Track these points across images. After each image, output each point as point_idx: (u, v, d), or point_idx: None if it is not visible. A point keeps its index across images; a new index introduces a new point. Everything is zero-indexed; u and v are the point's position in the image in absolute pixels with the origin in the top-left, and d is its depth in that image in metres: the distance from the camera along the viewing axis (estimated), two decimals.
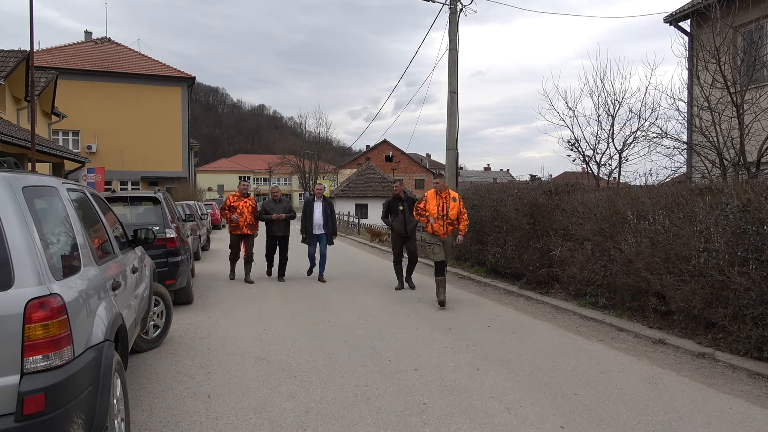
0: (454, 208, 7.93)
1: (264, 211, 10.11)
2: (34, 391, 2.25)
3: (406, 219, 9.24)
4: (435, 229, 7.88)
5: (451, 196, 8.02)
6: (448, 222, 7.90)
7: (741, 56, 8.81)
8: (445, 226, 7.89)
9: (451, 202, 7.96)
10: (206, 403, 4.08)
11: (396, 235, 9.50)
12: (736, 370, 4.92)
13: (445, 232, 7.91)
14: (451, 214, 7.90)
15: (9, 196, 2.48)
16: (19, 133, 13.30)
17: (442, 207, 7.91)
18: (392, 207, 9.50)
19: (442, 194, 7.99)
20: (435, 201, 7.95)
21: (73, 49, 32.11)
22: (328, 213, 10.13)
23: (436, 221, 7.84)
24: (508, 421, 3.78)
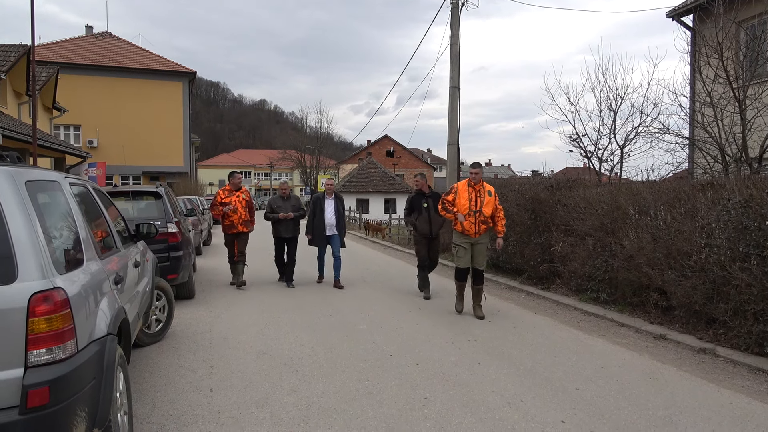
0: (489, 204, 6.76)
1: (270, 209, 9.11)
2: (38, 384, 2.26)
3: (431, 218, 8.02)
4: (465, 228, 6.74)
5: (486, 190, 6.82)
6: (481, 220, 6.73)
7: (743, 51, 8.79)
8: (477, 224, 6.72)
9: (485, 196, 6.77)
10: (208, 397, 4.10)
11: (420, 236, 8.25)
12: (736, 366, 4.93)
13: (476, 231, 6.74)
14: (485, 210, 6.73)
15: (12, 190, 2.48)
16: (20, 127, 13.31)
17: (476, 201, 6.73)
18: (415, 204, 8.22)
19: (477, 187, 6.80)
20: (467, 194, 6.78)
21: (74, 44, 32.06)
22: (341, 211, 9.09)
23: (466, 218, 6.71)
24: (510, 416, 3.79)
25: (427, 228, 8.10)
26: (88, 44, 32.55)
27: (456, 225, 6.84)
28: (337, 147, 69.97)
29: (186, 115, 32.31)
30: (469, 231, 6.74)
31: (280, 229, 9.02)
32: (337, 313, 7.03)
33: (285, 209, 9.00)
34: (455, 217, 6.79)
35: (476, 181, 6.80)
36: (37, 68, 13.83)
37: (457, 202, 6.81)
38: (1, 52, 15.38)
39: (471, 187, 6.82)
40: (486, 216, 6.74)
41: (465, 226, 6.72)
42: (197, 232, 12.83)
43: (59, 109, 21.15)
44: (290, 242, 9.10)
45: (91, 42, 33.17)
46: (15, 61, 15.10)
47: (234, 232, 8.92)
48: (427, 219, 8.05)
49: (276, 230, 9.08)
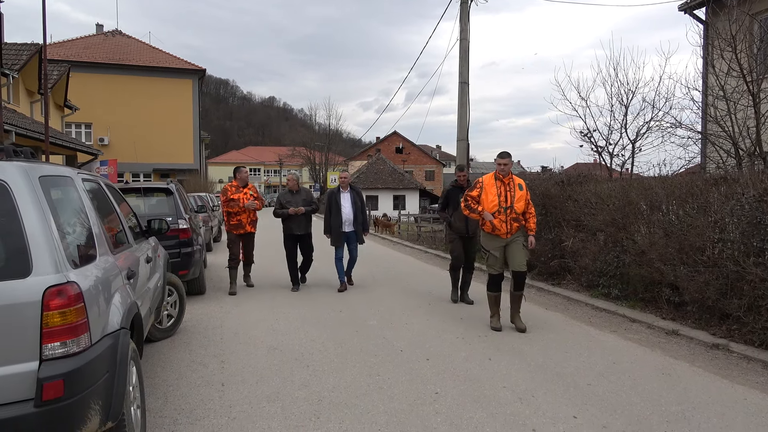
0: (520, 199, 5.91)
1: (279, 204, 8.31)
2: (53, 377, 2.28)
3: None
4: (496, 227, 5.88)
5: (516, 183, 6.00)
6: (513, 217, 5.87)
7: (757, 44, 8.68)
8: (509, 222, 5.86)
9: (516, 190, 5.93)
10: (220, 392, 4.12)
11: (454, 233, 7.49)
12: (750, 362, 4.88)
13: (508, 230, 5.88)
14: (516, 206, 5.87)
15: (26, 186, 2.50)
16: (32, 125, 13.43)
17: (506, 197, 5.89)
18: (451, 198, 7.48)
19: (505, 180, 5.98)
20: (494, 189, 5.94)
21: (84, 42, 32.30)
22: (358, 205, 8.33)
23: (495, 216, 5.87)
24: (521, 411, 3.78)
25: (464, 225, 7.27)
26: (98, 42, 32.78)
27: (484, 225, 5.99)
28: (346, 144, 70.11)
29: (196, 112, 32.47)
30: (500, 230, 5.88)
31: (291, 226, 8.20)
32: (346, 308, 7.04)
33: (295, 204, 8.20)
34: (482, 217, 5.94)
35: (504, 173, 5.96)
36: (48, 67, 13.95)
37: (484, 198, 5.98)
38: (14, 51, 15.53)
39: (499, 181, 5.98)
40: (518, 213, 5.90)
41: (495, 225, 5.86)
42: (207, 228, 12.90)
43: (70, 107, 21.34)
44: (303, 240, 8.35)
45: (102, 40, 33.40)
46: (27, 60, 15.25)
47: (240, 232, 8.23)
48: (464, 216, 7.04)
49: (287, 227, 8.27)
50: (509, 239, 5.93)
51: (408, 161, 57.75)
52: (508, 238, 5.92)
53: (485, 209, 5.94)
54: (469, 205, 6.11)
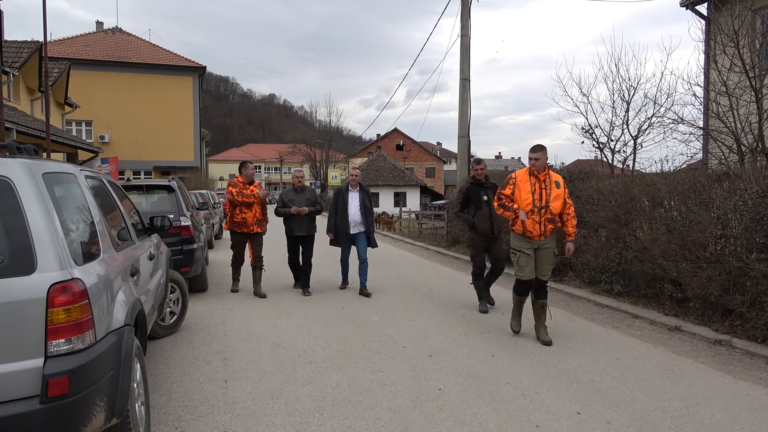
0: (557, 198, 5.30)
1: (281, 203, 7.72)
2: (58, 373, 2.28)
3: (492, 214, 6.52)
4: (528, 228, 5.29)
5: (553, 180, 5.37)
6: (548, 218, 5.27)
7: (760, 39, 8.66)
8: (542, 223, 5.25)
9: (552, 188, 5.32)
10: (223, 388, 4.13)
11: (477, 236, 6.77)
12: (753, 357, 4.88)
13: (542, 232, 5.27)
14: (552, 206, 5.27)
15: (30, 182, 2.50)
16: (33, 123, 13.43)
17: (541, 195, 5.28)
18: (472, 196, 6.75)
19: (540, 176, 5.35)
20: (528, 186, 5.32)
21: (84, 40, 32.27)
22: (367, 205, 7.77)
23: (528, 216, 5.27)
24: (524, 407, 3.78)
25: (488, 226, 6.59)
26: (98, 40, 32.74)
27: (516, 225, 5.43)
28: (347, 141, 69.99)
29: (196, 109, 32.45)
30: (533, 232, 5.27)
31: (293, 227, 7.68)
32: (348, 305, 7.04)
33: (298, 203, 7.65)
34: (516, 215, 5.36)
35: (539, 168, 5.31)
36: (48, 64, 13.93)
37: (517, 196, 5.36)
38: (14, 49, 15.52)
39: (533, 177, 5.35)
40: (554, 213, 5.29)
41: (527, 226, 5.27)
42: (209, 225, 12.90)
43: (71, 104, 21.33)
44: (305, 242, 7.79)
45: (102, 38, 33.35)
46: (27, 58, 15.23)
47: (245, 231, 7.56)
48: (488, 215, 6.56)
49: (289, 227, 7.75)
50: (541, 243, 5.33)
51: (409, 158, 57.70)
52: (540, 242, 5.32)
53: (520, 207, 5.35)
54: (503, 203, 5.47)
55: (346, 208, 7.66)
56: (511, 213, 5.40)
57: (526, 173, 5.43)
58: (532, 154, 5.40)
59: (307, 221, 7.70)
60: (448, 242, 13.86)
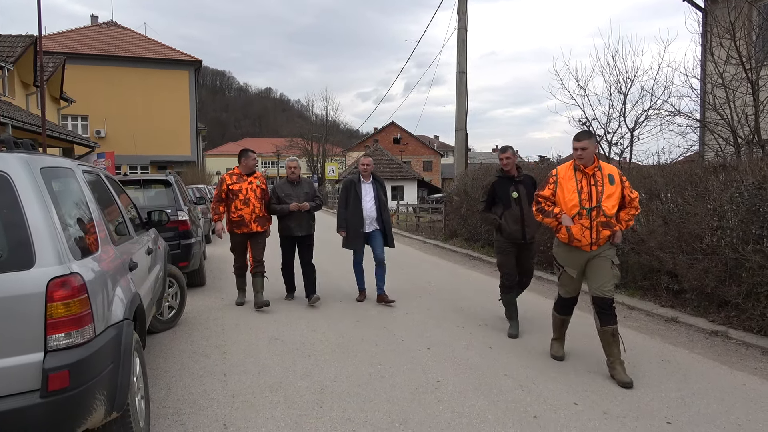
0: (612, 196, 4.18)
1: (276, 198, 6.63)
2: (58, 368, 2.29)
3: (524, 214, 5.28)
4: (575, 236, 4.23)
5: (605, 174, 4.26)
6: (602, 222, 4.16)
7: (756, 31, 8.66)
8: (594, 229, 4.17)
9: (605, 183, 4.21)
10: (222, 382, 4.14)
11: (506, 240, 5.43)
12: (749, 348, 4.92)
13: (593, 240, 4.20)
14: (606, 206, 4.15)
15: (28, 177, 2.50)
16: (29, 118, 13.36)
17: (590, 194, 4.20)
18: (499, 192, 5.46)
19: (588, 170, 4.26)
20: (573, 183, 4.28)
21: (79, 34, 32.09)
22: (383, 199, 6.73)
23: (575, 222, 4.22)
24: (522, 398, 3.81)
25: (519, 229, 5.34)
26: (93, 34, 32.57)
27: (560, 232, 4.35)
28: (344, 134, 69.98)
29: (192, 103, 32.35)
30: (581, 241, 4.21)
31: (290, 226, 6.59)
32: (346, 299, 7.05)
33: (296, 197, 6.59)
34: (559, 221, 4.32)
35: (585, 161, 4.24)
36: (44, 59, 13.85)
37: (560, 197, 4.34)
38: (8, 43, 15.41)
39: (579, 172, 4.30)
40: (608, 216, 4.16)
41: (574, 233, 4.21)
42: (206, 220, 12.89)
43: (67, 99, 21.23)
44: (304, 242, 6.77)
45: (97, 32, 33.18)
46: (22, 52, 15.13)
47: (244, 231, 6.49)
48: (518, 216, 5.32)
49: (285, 227, 6.65)
50: (594, 252, 4.26)
51: (406, 151, 57.67)
52: (593, 252, 4.25)
53: (562, 211, 4.32)
54: (542, 209, 4.45)
55: (359, 202, 6.59)
56: (553, 219, 4.35)
57: (570, 168, 4.37)
58: (577, 143, 4.25)
59: (307, 218, 6.70)
60: (446, 235, 13.88)
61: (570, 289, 4.50)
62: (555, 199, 4.41)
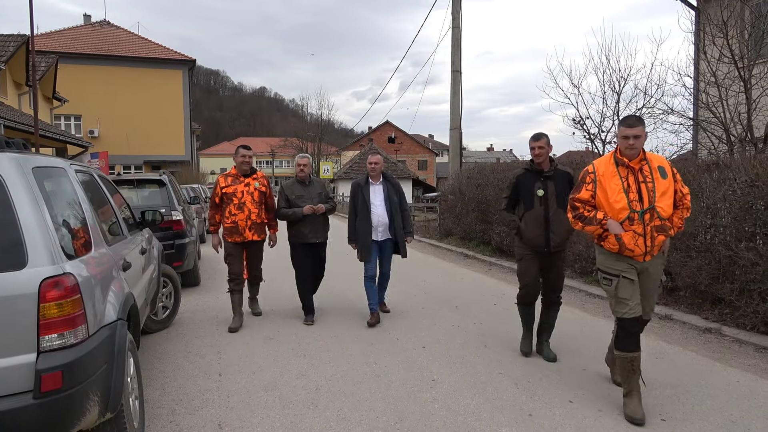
0: (667, 193, 3.48)
1: (285, 201, 5.81)
2: (51, 368, 2.28)
3: (549, 216, 4.41)
4: (626, 245, 3.48)
5: (654, 166, 3.52)
6: (656, 225, 3.46)
7: (749, 30, 8.70)
8: (648, 235, 3.46)
9: (656, 178, 3.48)
10: (217, 382, 4.13)
11: (527, 247, 4.57)
12: (743, 345, 4.95)
13: (648, 249, 3.49)
14: (661, 206, 3.44)
15: (20, 177, 2.48)
16: (21, 118, 13.29)
17: (639, 193, 3.46)
18: (524, 188, 4.56)
19: (634, 163, 3.50)
20: (618, 181, 3.51)
21: (72, 33, 31.90)
22: (395, 201, 5.77)
23: (626, 229, 3.46)
24: (517, 396, 3.82)
25: (541, 234, 4.44)
26: (86, 33, 32.38)
27: (607, 241, 3.58)
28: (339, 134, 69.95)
29: (186, 103, 32.24)
30: (635, 250, 3.48)
31: (304, 232, 5.72)
32: (341, 298, 7.05)
33: (309, 199, 5.75)
34: (604, 228, 3.55)
35: (633, 153, 3.48)
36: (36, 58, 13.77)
37: (602, 199, 3.57)
38: (0, 42, 15.31)
39: (623, 167, 3.53)
40: (665, 217, 3.46)
41: (626, 242, 3.47)
42: (200, 219, 12.85)
43: (59, 99, 21.11)
44: (318, 252, 5.96)
45: (90, 31, 33.00)
46: (14, 51, 15.04)
47: (237, 241, 5.68)
48: (542, 218, 4.42)
49: (297, 233, 5.76)
50: (645, 264, 3.56)
51: (401, 150, 57.66)
52: (645, 263, 3.56)
53: (608, 214, 3.54)
54: (581, 215, 3.65)
55: (368, 207, 5.68)
56: (596, 227, 3.57)
57: (611, 162, 3.59)
58: (629, 130, 3.45)
59: (322, 222, 5.87)
60: (441, 234, 13.89)
61: (633, 304, 3.51)
62: (595, 202, 3.62)
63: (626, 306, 3.52)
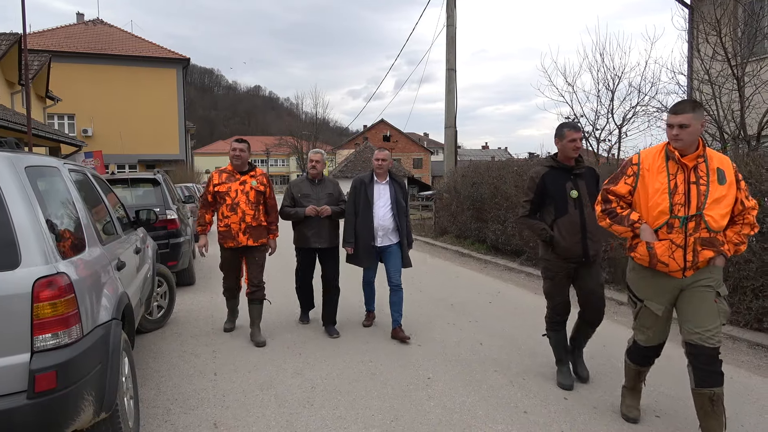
0: (722, 200, 2.92)
1: (291, 200, 5.35)
2: (45, 368, 2.27)
3: (585, 221, 3.80)
4: (658, 258, 3.00)
5: (713, 167, 2.95)
6: (701, 238, 2.93)
7: (742, 28, 8.74)
8: (690, 248, 2.94)
9: (712, 180, 2.92)
10: (213, 381, 4.12)
11: (559, 260, 3.90)
12: (736, 341, 4.98)
13: (687, 264, 2.97)
14: (710, 215, 2.90)
15: (12, 176, 2.46)
16: (14, 117, 13.20)
17: (687, 195, 2.94)
18: (553, 188, 3.88)
19: (688, 159, 2.94)
20: (665, 177, 2.99)
21: (65, 32, 31.71)
22: (402, 205, 5.23)
23: (659, 236, 2.99)
24: (513, 394, 3.83)
25: (577, 243, 3.80)
26: (79, 32, 32.19)
27: (637, 249, 3.11)
28: (333, 132, 69.88)
29: (180, 102, 32.10)
30: (668, 265, 2.98)
31: (307, 235, 5.26)
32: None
33: (316, 199, 5.28)
34: (635, 233, 3.07)
35: (686, 144, 2.92)
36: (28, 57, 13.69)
37: (641, 197, 3.06)
38: None
39: (674, 162, 2.97)
40: (714, 229, 2.91)
41: (657, 253, 2.98)
42: (195, 218, 12.82)
43: (52, 98, 20.99)
44: (327, 257, 5.41)
45: (83, 30, 32.80)
46: (6, 50, 14.93)
47: (231, 246, 5.07)
48: (578, 224, 3.79)
49: (300, 236, 5.34)
50: (688, 280, 3.01)
51: (396, 149, 57.63)
52: (686, 279, 3.01)
53: (642, 217, 3.05)
54: (612, 211, 3.15)
55: (370, 208, 5.14)
56: (626, 228, 3.08)
57: (660, 154, 3.04)
58: (674, 118, 2.92)
59: (329, 227, 5.33)
60: (436, 232, 13.90)
61: (652, 334, 3.16)
62: (632, 200, 3.10)
63: (642, 333, 3.24)
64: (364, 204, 5.16)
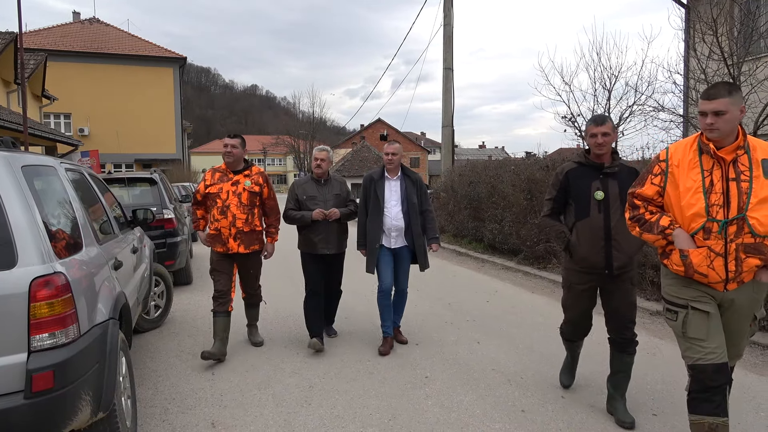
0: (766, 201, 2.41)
1: (295, 202, 4.86)
2: (43, 368, 2.26)
3: (611, 229, 3.31)
4: (695, 267, 2.54)
5: (757, 158, 2.47)
6: (745, 245, 2.45)
7: (738, 27, 8.76)
8: (731, 256, 2.47)
9: (758, 176, 2.44)
10: (210, 381, 4.12)
11: (580, 268, 3.50)
12: None
13: (731, 276, 2.50)
14: (755, 217, 2.41)
15: (9, 175, 2.45)
16: (10, 116, 13.15)
17: (726, 194, 2.46)
18: (576, 188, 3.46)
19: (725, 151, 2.48)
20: (699, 174, 2.52)
21: (61, 30, 31.60)
22: (414, 203, 4.77)
23: (699, 244, 2.52)
24: (510, 393, 3.84)
25: (599, 252, 3.35)
26: (76, 31, 32.09)
27: (671, 257, 2.67)
28: (330, 131, 69.86)
29: (177, 101, 32.05)
30: (708, 275, 2.55)
31: (314, 241, 4.79)
32: None
33: (322, 201, 4.82)
34: (667, 239, 2.64)
35: (722, 134, 2.50)
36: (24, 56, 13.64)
37: (671, 198, 2.64)
38: None
39: (708, 156, 2.55)
40: (760, 233, 2.45)
41: (694, 262, 2.55)
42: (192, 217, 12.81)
43: (49, 97, 20.93)
44: (333, 262, 5.04)
45: (79, 28, 32.70)
46: (2, 49, 14.89)
47: (221, 251, 4.71)
48: (601, 230, 3.34)
49: (306, 242, 4.86)
50: (730, 295, 2.60)
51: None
52: (728, 293, 2.60)
53: (676, 222, 2.63)
54: (639, 217, 2.76)
55: (380, 207, 4.75)
56: (657, 236, 2.66)
57: (692, 147, 2.62)
58: (707, 104, 2.50)
59: (338, 231, 4.90)
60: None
61: (714, 345, 2.54)
62: (663, 202, 2.70)
63: (701, 350, 2.55)
64: (373, 203, 4.78)
